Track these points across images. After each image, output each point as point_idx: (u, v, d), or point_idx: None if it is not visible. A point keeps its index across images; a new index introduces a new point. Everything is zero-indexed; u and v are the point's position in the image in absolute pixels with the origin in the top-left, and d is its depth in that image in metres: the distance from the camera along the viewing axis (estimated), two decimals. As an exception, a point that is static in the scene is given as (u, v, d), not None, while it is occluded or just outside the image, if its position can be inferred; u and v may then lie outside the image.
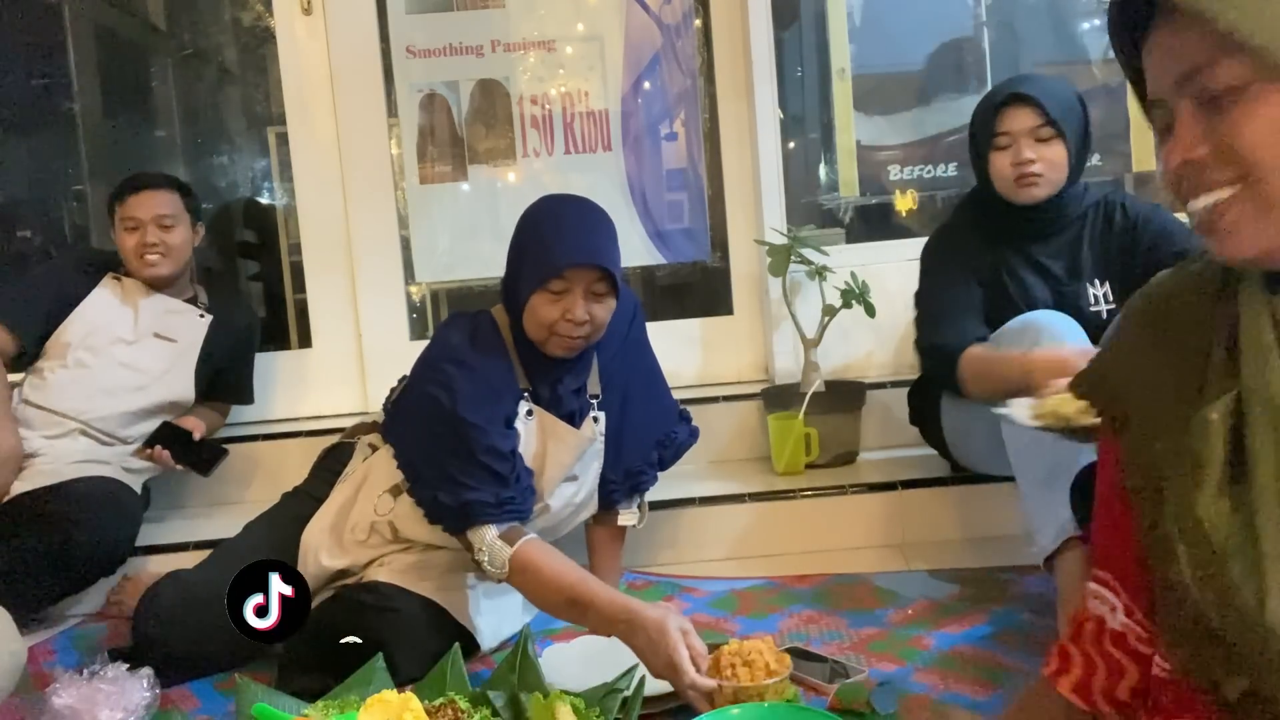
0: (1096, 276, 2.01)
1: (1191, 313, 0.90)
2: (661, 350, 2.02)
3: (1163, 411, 0.88)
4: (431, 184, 2.88)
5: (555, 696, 1.36)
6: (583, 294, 1.69)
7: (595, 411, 1.86)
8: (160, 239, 2.35)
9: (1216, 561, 0.80)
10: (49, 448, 2.23)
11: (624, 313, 1.88)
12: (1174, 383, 0.88)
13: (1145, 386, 0.92)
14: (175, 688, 1.74)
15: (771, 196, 2.75)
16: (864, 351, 2.72)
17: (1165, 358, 0.90)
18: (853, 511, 2.28)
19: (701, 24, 2.86)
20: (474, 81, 2.85)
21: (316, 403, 2.82)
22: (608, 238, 1.74)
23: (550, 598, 1.64)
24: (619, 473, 1.91)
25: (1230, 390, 0.83)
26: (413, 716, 1.26)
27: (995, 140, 1.97)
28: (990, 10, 2.93)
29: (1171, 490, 0.85)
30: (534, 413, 1.79)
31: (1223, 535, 0.80)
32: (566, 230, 1.71)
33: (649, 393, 1.95)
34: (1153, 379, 0.91)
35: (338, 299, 2.86)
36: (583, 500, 1.90)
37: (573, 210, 1.77)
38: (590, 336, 1.74)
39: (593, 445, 1.86)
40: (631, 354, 1.93)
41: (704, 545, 2.28)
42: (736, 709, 1.37)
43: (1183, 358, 0.88)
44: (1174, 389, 0.88)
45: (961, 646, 1.70)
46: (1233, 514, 0.81)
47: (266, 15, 2.96)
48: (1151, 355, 0.92)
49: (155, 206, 2.35)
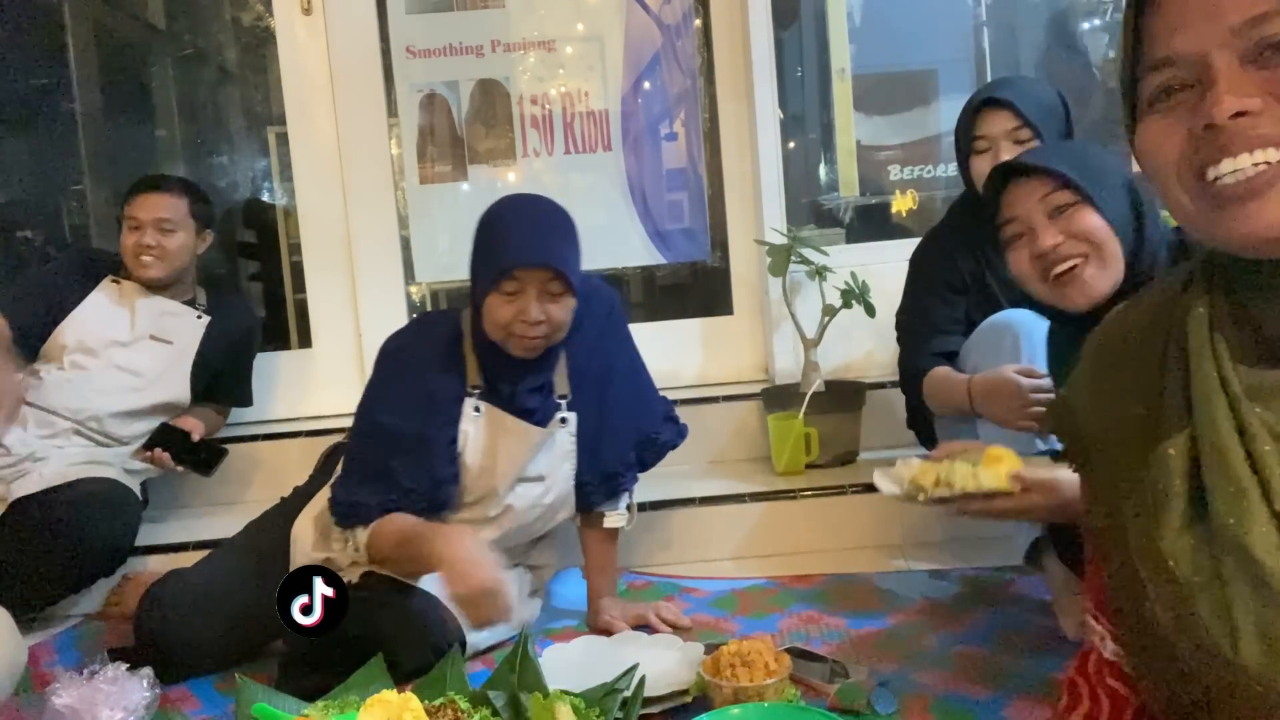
0: None
1: (1143, 352, 0.87)
2: (661, 350, 2.02)
3: (1123, 449, 0.86)
4: (431, 184, 2.88)
5: (555, 696, 1.36)
6: (536, 294, 1.68)
7: (564, 412, 1.84)
8: (157, 241, 2.36)
9: (1184, 601, 0.77)
10: (47, 448, 2.22)
11: (599, 312, 1.87)
12: (1132, 420, 0.86)
13: (1105, 425, 0.89)
14: (175, 688, 1.74)
15: (771, 196, 2.75)
16: (864, 351, 2.72)
17: (1122, 395, 0.87)
18: (853, 511, 2.28)
19: (701, 24, 2.86)
20: (474, 81, 2.85)
21: (316, 403, 2.82)
22: (561, 237, 1.72)
23: (385, 545, 1.70)
24: (595, 474, 1.88)
25: (1185, 428, 0.80)
26: (413, 716, 1.26)
27: (974, 144, 1.98)
28: (990, 10, 2.93)
29: (1135, 527, 0.82)
30: (483, 410, 1.79)
31: (1188, 571, 0.78)
32: (517, 230, 1.71)
33: (628, 393, 1.92)
34: (1112, 417, 0.89)
35: (338, 299, 2.86)
36: (553, 502, 1.88)
37: (526, 210, 1.76)
38: (550, 336, 1.73)
39: (557, 445, 1.84)
40: (608, 354, 1.90)
41: (704, 545, 2.28)
42: (736, 709, 1.37)
43: (1139, 395, 0.86)
44: (1133, 427, 0.85)
45: (961, 646, 1.70)
46: (1195, 551, 0.78)
47: (266, 15, 2.96)
48: (1109, 393, 0.90)
49: (157, 209, 2.37)
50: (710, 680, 1.46)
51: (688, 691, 1.52)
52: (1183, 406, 0.81)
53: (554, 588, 2.10)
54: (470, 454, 1.79)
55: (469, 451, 1.79)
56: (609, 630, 1.83)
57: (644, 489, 2.28)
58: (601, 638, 1.79)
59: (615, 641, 1.76)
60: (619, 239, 2.90)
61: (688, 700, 1.52)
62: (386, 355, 1.83)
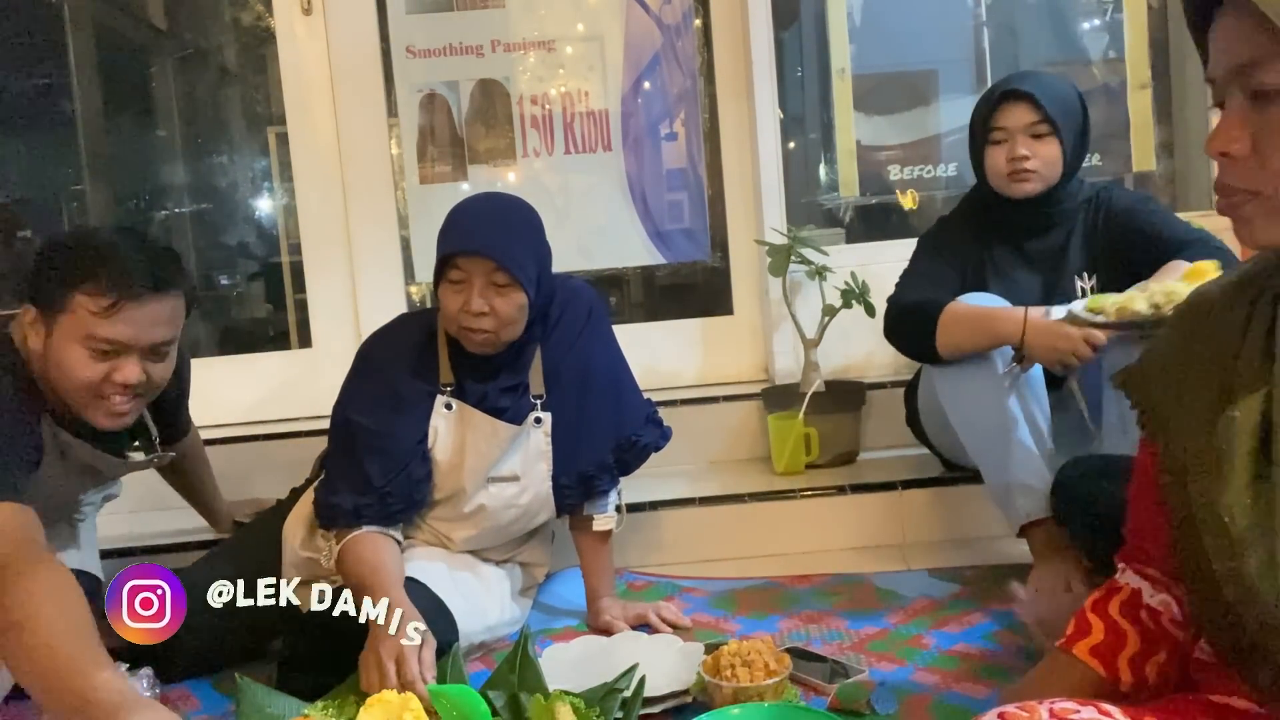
0: (1084, 270, 2.03)
1: (1227, 318, 0.92)
2: (662, 350, 2.02)
3: (1194, 414, 0.91)
4: (431, 184, 2.88)
5: (555, 696, 1.36)
6: (480, 286, 1.68)
7: (539, 412, 1.83)
8: (145, 375, 1.63)
9: (1236, 553, 0.82)
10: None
11: (578, 312, 1.87)
12: (1206, 386, 0.91)
13: (1179, 390, 0.94)
14: (175, 688, 1.74)
15: (771, 196, 2.75)
16: (864, 351, 2.72)
17: (1199, 362, 0.93)
18: (853, 511, 2.28)
19: (701, 24, 2.86)
20: (474, 81, 2.85)
21: (316, 403, 2.81)
22: (506, 230, 1.72)
23: (351, 581, 1.66)
24: (571, 476, 1.86)
25: (1260, 388, 0.85)
26: (413, 716, 1.26)
27: (991, 135, 2.00)
28: (990, 10, 2.93)
29: (1198, 485, 0.87)
30: (454, 407, 1.80)
31: (1243, 526, 0.82)
32: (463, 221, 1.73)
33: (607, 394, 1.89)
34: (1186, 382, 0.93)
35: (338, 299, 2.86)
36: (529, 503, 1.86)
37: (479, 204, 1.79)
38: (499, 331, 1.72)
39: (532, 444, 1.84)
40: (586, 354, 1.87)
41: (704, 545, 2.28)
42: (736, 709, 1.37)
43: (1215, 362, 0.91)
44: (1206, 392, 0.90)
45: (961, 646, 1.70)
46: (1253, 508, 0.82)
47: (266, 15, 2.96)
48: (1186, 359, 0.95)
49: (154, 326, 1.61)
50: (710, 680, 1.46)
51: (688, 691, 1.52)
52: (1260, 372, 0.86)
53: (554, 588, 2.10)
54: (439, 450, 1.80)
55: (438, 448, 1.80)
56: (609, 630, 1.83)
57: (644, 489, 2.29)
58: (601, 638, 1.79)
59: (615, 641, 1.76)
60: (619, 239, 2.90)
61: (688, 700, 1.52)
62: (361, 355, 1.87)
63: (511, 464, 1.83)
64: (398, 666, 1.46)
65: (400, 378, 1.80)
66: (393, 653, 1.47)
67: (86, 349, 1.57)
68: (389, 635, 1.46)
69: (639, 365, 2.03)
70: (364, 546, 1.70)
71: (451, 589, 1.75)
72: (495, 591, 1.87)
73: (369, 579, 1.62)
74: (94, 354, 1.57)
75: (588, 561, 1.94)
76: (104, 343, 1.57)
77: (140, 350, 1.60)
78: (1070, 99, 1.99)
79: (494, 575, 1.89)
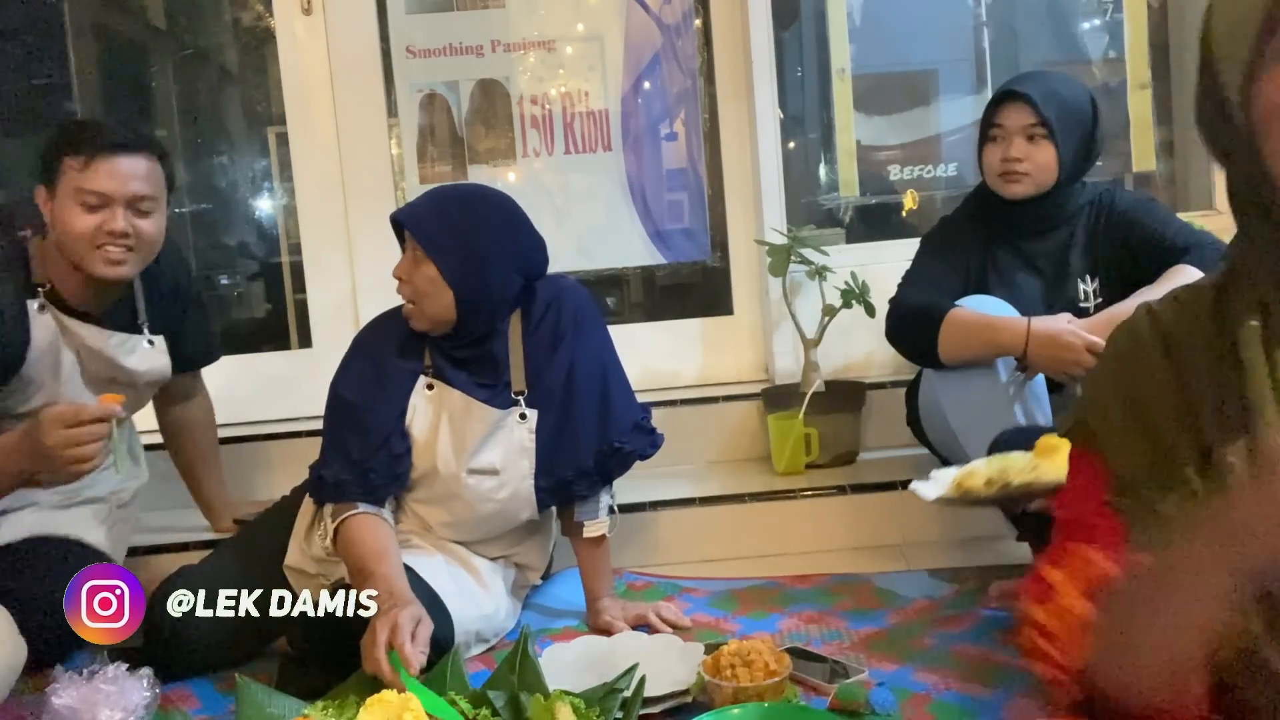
0: (1086, 273, 2.03)
1: (1189, 358, 0.88)
2: (661, 350, 2.01)
3: (1160, 484, 0.87)
4: (431, 184, 2.87)
5: (555, 696, 1.36)
6: (410, 256, 1.80)
7: (524, 408, 1.84)
8: (133, 227, 1.83)
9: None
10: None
11: (565, 311, 1.87)
12: (1169, 444, 0.87)
13: (1141, 460, 0.89)
14: (175, 688, 1.74)
15: (771, 196, 2.75)
16: (864, 351, 2.72)
17: (1157, 418, 0.88)
18: (853, 511, 2.28)
19: (701, 24, 2.86)
20: (474, 81, 2.85)
21: (316, 403, 2.80)
22: (441, 214, 1.80)
23: (350, 564, 1.72)
24: (550, 479, 1.85)
25: (1241, 438, 0.83)
26: (413, 716, 1.26)
27: (989, 133, 2.01)
28: (990, 10, 2.93)
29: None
30: (435, 387, 1.85)
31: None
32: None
33: (592, 399, 1.87)
34: (1145, 443, 0.89)
35: (338, 299, 2.86)
36: (508, 499, 1.85)
37: (443, 189, 1.93)
38: (420, 303, 1.80)
39: (514, 439, 1.84)
40: (570, 353, 1.86)
41: (704, 545, 2.28)
42: (736, 709, 1.37)
43: (1176, 411, 0.87)
44: (1169, 450, 0.87)
45: (961, 646, 1.70)
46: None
47: (266, 15, 2.96)
48: (1141, 417, 0.90)
49: (132, 180, 1.83)
50: (710, 680, 1.46)
51: (688, 691, 1.52)
52: (1237, 417, 0.83)
53: (554, 588, 2.10)
54: (416, 427, 1.84)
55: (415, 425, 1.84)
56: (609, 630, 1.83)
57: (644, 489, 2.30)
58: (601, 638, 1.79)
59: (615, 641, 1.76)
60: (619, 239, 2.90)
61: (688, 700, 1.52)
62: (355, 339, 1.95)
63: (491, 457, 1.83)
64: (390, 635, 1.49)
65: (387, 358, 1.86)
66: (388, 624, 1.50)
67: (77, 203, 1.82)
68: (384, 612, 1.52)
69: (638, 365, 2.03)
70: (360, 528, 1.75)
71: (447, 579, 1.77)
72: (489, 583, 1.87)
73: (369, 562, 1.67)
74: (84, 207, 1.82)
75: (584, 565, 1.94)
76: (90, 195, 1.81)
77: (123, 202, 1.82)
78: (1074, 103, 1.98)
79: (487, 568, 1.90)
